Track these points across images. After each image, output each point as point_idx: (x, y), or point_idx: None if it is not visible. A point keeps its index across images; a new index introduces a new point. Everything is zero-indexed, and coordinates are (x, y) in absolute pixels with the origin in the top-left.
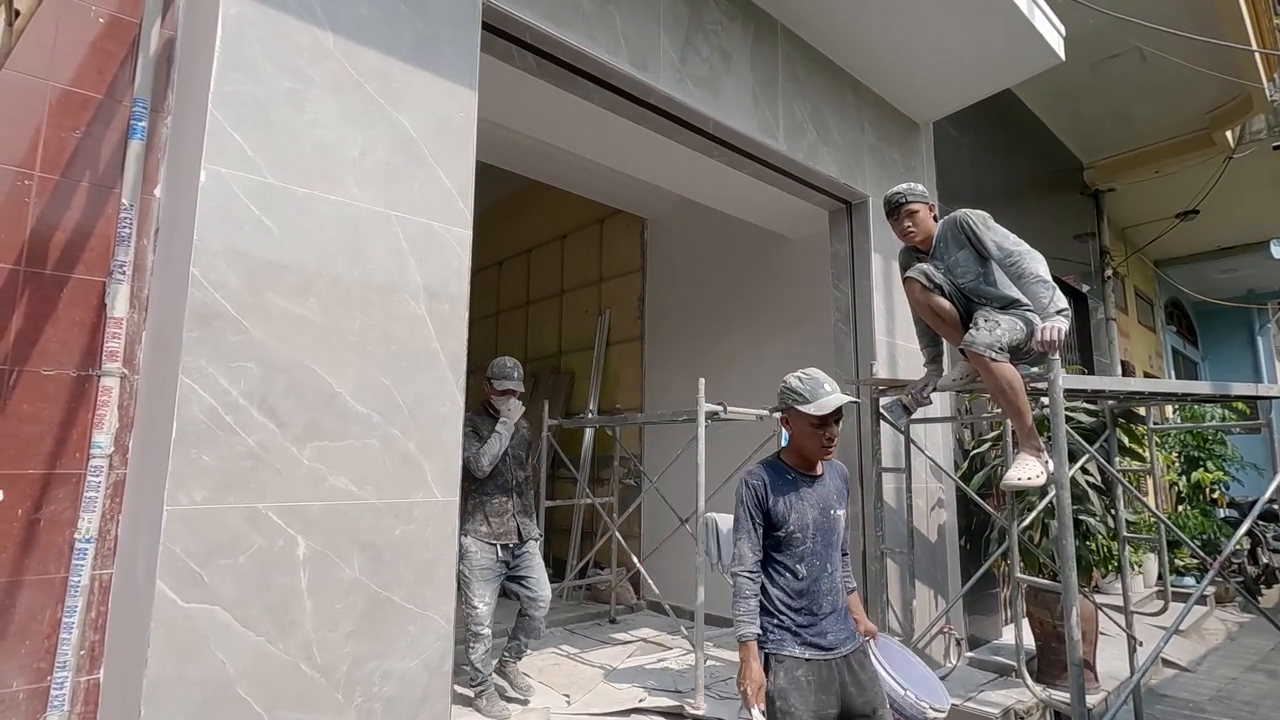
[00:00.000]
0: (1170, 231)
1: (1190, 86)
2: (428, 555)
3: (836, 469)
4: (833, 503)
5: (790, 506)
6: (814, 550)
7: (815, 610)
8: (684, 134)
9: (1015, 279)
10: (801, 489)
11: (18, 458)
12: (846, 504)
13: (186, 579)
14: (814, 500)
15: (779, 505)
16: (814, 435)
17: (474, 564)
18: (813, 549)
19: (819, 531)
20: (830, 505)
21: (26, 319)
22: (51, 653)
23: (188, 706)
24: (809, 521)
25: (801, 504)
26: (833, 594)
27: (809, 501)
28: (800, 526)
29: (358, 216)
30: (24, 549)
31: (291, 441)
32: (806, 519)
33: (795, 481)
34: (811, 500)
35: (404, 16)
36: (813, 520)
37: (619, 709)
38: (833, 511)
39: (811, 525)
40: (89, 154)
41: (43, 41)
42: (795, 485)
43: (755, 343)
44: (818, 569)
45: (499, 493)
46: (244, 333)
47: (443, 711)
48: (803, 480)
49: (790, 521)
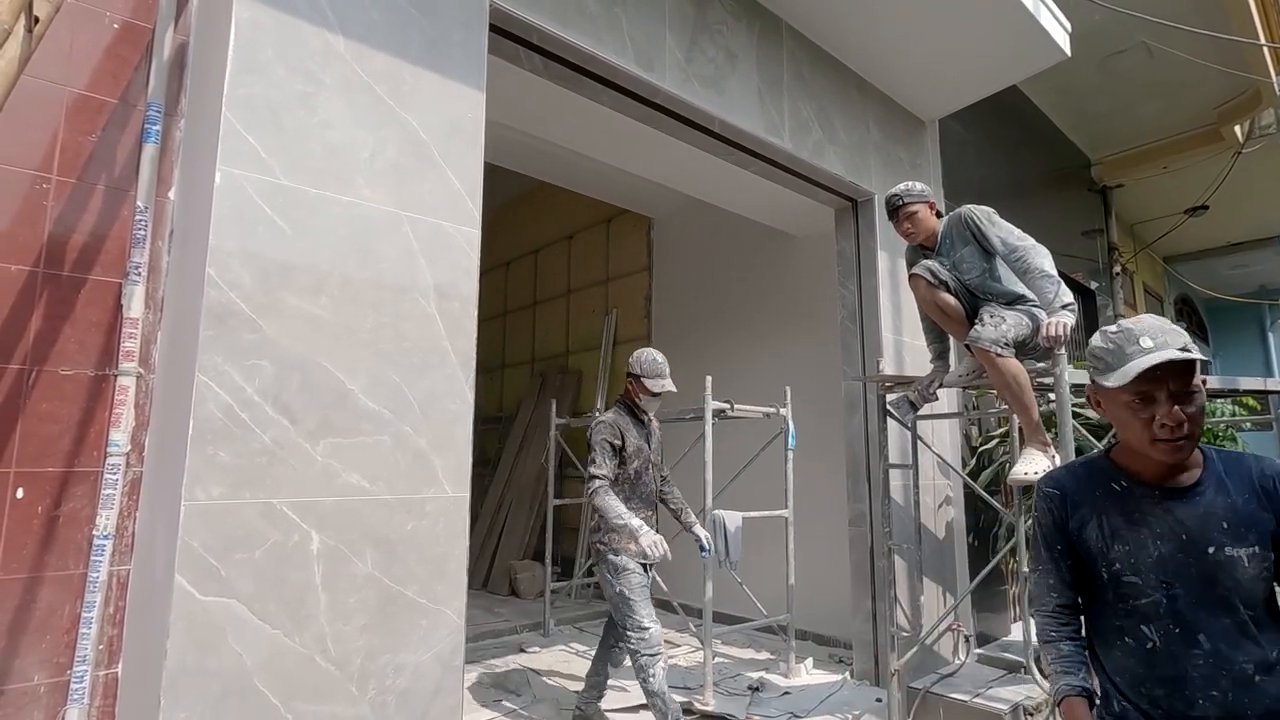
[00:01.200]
0: (1179, 227)
1: (1198, 81)
2: (439, 550)
3: (1245, 471)
4: (1219, 535)
5: (1114, 534)
6: (1171, 609)
7: (1182, 708)
8: (690, 133)
9: (1021, 274)
10: (1143, 507)
11: (37, 456)
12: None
13: (204, 573)
14: (1168, 527)
15: (1089, 530)
16: (1134, 421)
17: (634, 583)
18: (1169, 606)
19: (1181, 578)
20: (1213, 538)
21: (45, 320)
22: (71, 647)
23: (207, 698)
24: (1153, 559)
25: (1138, 532)
26: (1221, 684)
27: (1156, 529)
28: (1136, 567)
29: (369, 217)
30: (44, 545)
31: (305, 438)
32: (1148, 555)
33: (1127, 495)
34: (1163, 527)
35: (413, 19)
36: (1164, 558)
37: (628, 705)
38: (1219, 550)
39: (1160, 567)
40: (104, 157)
41: (59, 47)
42: (1127, 501)
43: (761, 341)
44: (1179, 639)
45: (644, 506)
46: (258, 331)
47: (454, 705)
48: (1144, 494)
49: (1114, 556)
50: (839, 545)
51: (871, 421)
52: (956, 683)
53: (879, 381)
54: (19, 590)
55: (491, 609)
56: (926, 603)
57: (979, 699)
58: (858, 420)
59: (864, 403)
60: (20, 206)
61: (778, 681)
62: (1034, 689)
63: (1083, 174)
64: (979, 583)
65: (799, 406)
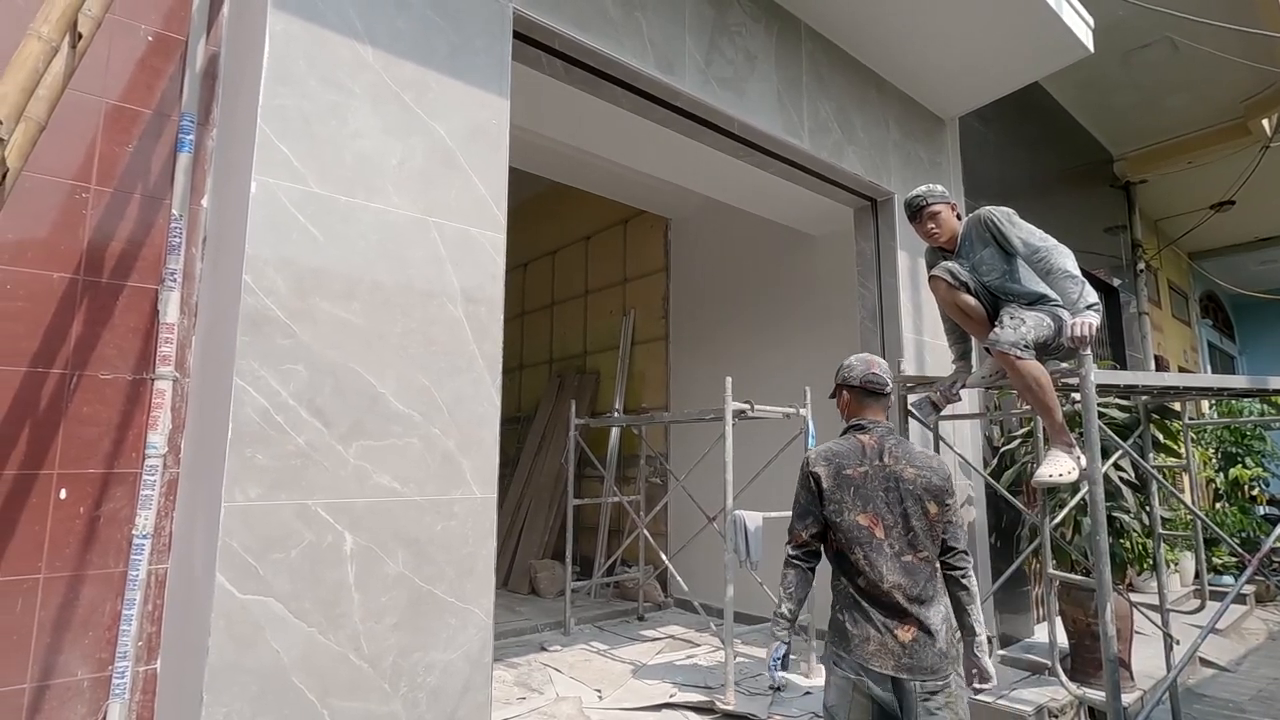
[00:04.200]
0: (1205, 223)
1: (1224, 75)
2: (467, 551)
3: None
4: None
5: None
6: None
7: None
8: (709, 135)
9: (1043, 275)
10: None
11: (79, 458)
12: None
13: (243, 571)
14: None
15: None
16: None
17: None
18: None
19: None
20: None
21: (85, 325)
22: (112, 644)
23: (246, 694)
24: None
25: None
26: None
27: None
28: None
29: (397, 223)
30: (86, 545)
31: (338, 440)
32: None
33: None
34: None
35: (439, 29)
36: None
37: (650, 703)
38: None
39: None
40: (140, 167)
41: (96, 60)
42: None
43: (781, 341)
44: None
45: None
46: (292, 336)
47: (483, 702)
48: None
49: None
50: None
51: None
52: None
53: (900, 381)
54: (63, 588)
55: (512, 608)
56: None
57: (1002, 700)
58: None
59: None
60: (61, 215)
61: (799, 681)
62: (1058, 691)
63: (1105, 170)
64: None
65: (819, 406)
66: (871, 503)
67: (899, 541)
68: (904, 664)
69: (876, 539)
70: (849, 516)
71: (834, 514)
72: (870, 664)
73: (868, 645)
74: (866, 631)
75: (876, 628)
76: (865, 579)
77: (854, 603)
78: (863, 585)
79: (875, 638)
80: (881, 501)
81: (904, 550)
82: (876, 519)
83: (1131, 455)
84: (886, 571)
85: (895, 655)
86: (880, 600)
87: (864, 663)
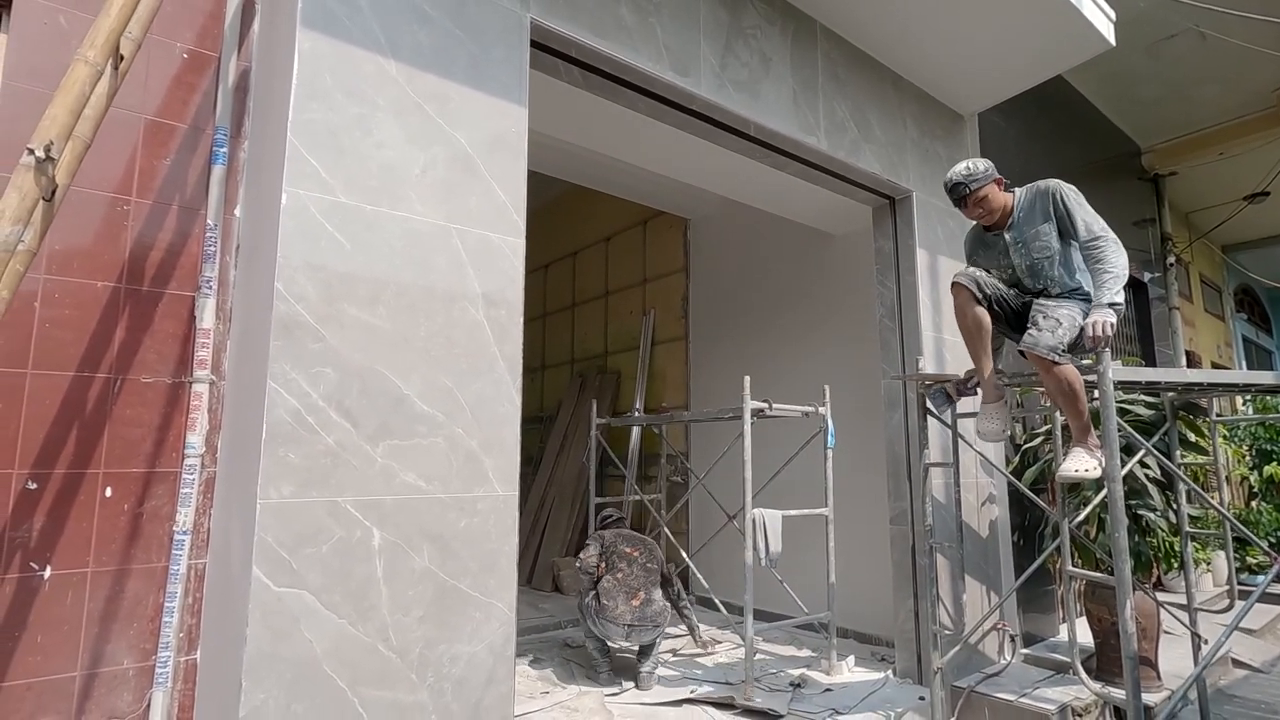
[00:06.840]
0: (1238, 215)
1: (1255, 64)
2: (490, 546)
3: None
4: None
5: None
6: None
7: None
8: (725, 137)
9: (1093, 263)
10: None
11: (123, 457)
12: None
13: (278, 566)
14: None
15: None
16: None
17: None
18: None
19: None
20: None
21: (128, 332)
22: (155, 635)
23: (281, 681)
24: None
25: None
26: None
27: None
28: None
29: (420, 230)
30: (130, 541)
31: (366, 440)
32: None
33: None
34: None
35: (459, 41)
36: None
37: (670, 699)
38: None
39: None
40: (176, 179)
41: (135, 77)
42: None
43: (800, 340)
44: None
45: None
46: (322, 340)
47: (506, 694)
48: None
49: None
50: (880, 543)
51: (911, 420)
52: (1002, 682)
53: (919, 380)
54: (109, 582)
55: (536, 604)
56: (969, 601)
57: (1025, 699)
58: (898, 419)
59: (904, 401)
60: (104, 227)
61: (819, 679)
62: (1082, 690)
63: (1133, 162)
64: (1024, 581)
65: (838, 405)
66: None
67: None
68: None
69: None
70: None
71: None
72: None
73: None
74: None
75: None
76: None
77: None
78: None
79: None
80: None
81: None
82: None
83: (1154, 454)
84: None
85: None
86: None
87: None
